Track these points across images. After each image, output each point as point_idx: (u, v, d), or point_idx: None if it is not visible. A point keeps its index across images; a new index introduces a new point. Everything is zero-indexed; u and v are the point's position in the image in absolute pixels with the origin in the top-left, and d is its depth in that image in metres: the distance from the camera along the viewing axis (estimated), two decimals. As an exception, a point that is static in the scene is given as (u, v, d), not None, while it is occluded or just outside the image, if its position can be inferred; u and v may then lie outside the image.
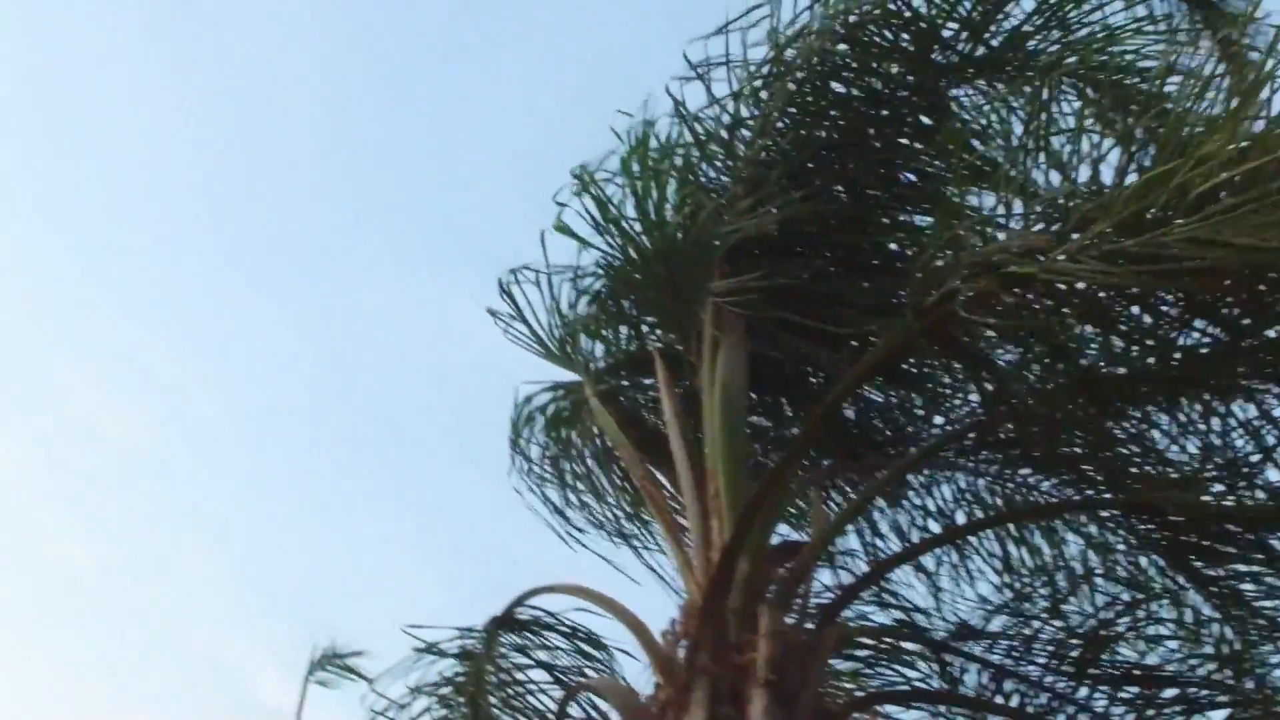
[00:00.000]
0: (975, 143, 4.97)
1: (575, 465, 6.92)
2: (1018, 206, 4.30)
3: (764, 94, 5.53)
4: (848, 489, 6.16)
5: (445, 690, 5.91)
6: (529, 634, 6.01)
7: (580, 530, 6.99)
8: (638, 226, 5.99)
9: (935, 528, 6.23)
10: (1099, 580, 5.87)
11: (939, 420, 6.16)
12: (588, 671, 6.01)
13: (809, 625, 5.09)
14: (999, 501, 6.26)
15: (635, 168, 5.85)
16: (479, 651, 5.93)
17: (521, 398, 6.81)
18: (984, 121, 4.88)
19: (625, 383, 6.28)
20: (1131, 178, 3.87)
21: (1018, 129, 4.49)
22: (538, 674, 6.11)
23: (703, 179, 5.56)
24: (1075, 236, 3.99)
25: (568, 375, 6.60)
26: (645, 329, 6.40)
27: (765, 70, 5.46)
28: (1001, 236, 4.30)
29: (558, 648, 5.98)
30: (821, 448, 5.89)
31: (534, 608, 5.97)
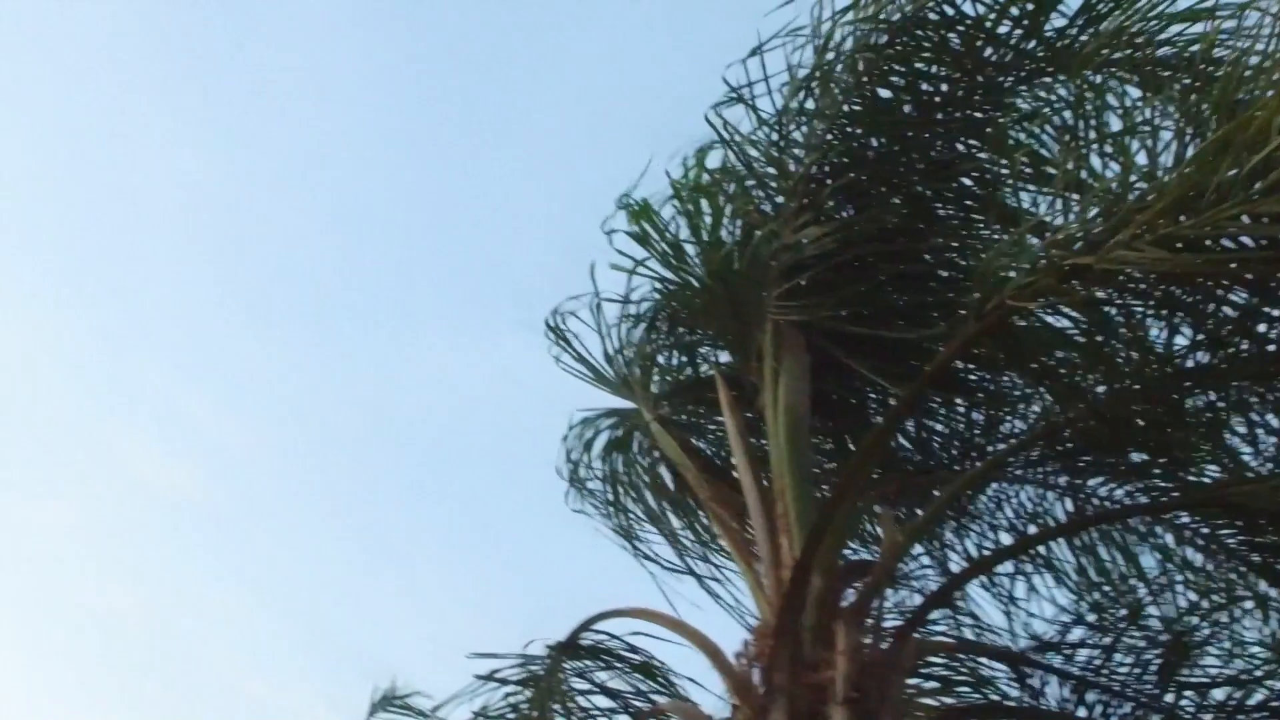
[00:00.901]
0: (1027, 138, 4.92)
1: (626, 490, 6.91)
2: (1074, 200, 4.27)
3: (810, 106, 5.52)
4: (915, 507, 6.10)
5: (509, 718, 5.88)
6: (594, 659, 5.97)
7: (644, 555, 6.97)
8: (692, 250, 6.07)
9: (1006, 540, 6.16)
10: (1179, 587, 5.76)
11: (1002, 432, 6.12)
12: (655, 697, 5.96)
13: (884, 643, 5.02)
14: (1069, 513, 6.18)
15: (687, 192, 5.91)
16: (542, 678, 5.89)
17: (573, 428, 6.83)
18: (1036, 115, 4.83)
19: (686, 407, 6.27)
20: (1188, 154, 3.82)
21: (1070, 119, 4.45)
22: (603, 701, 6.08)
23: (756, 198, 5.57)
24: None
25: (618, 403, 6.62)
26: (704, 352, 6.42)
27: (810, 84, 5.46)
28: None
29: (629, 671, 5.93)
30: (886, 465, 5.84)
31: (599, 632, 5.93)
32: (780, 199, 5.61)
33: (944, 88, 5.18)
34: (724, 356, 6.17)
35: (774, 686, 4.79)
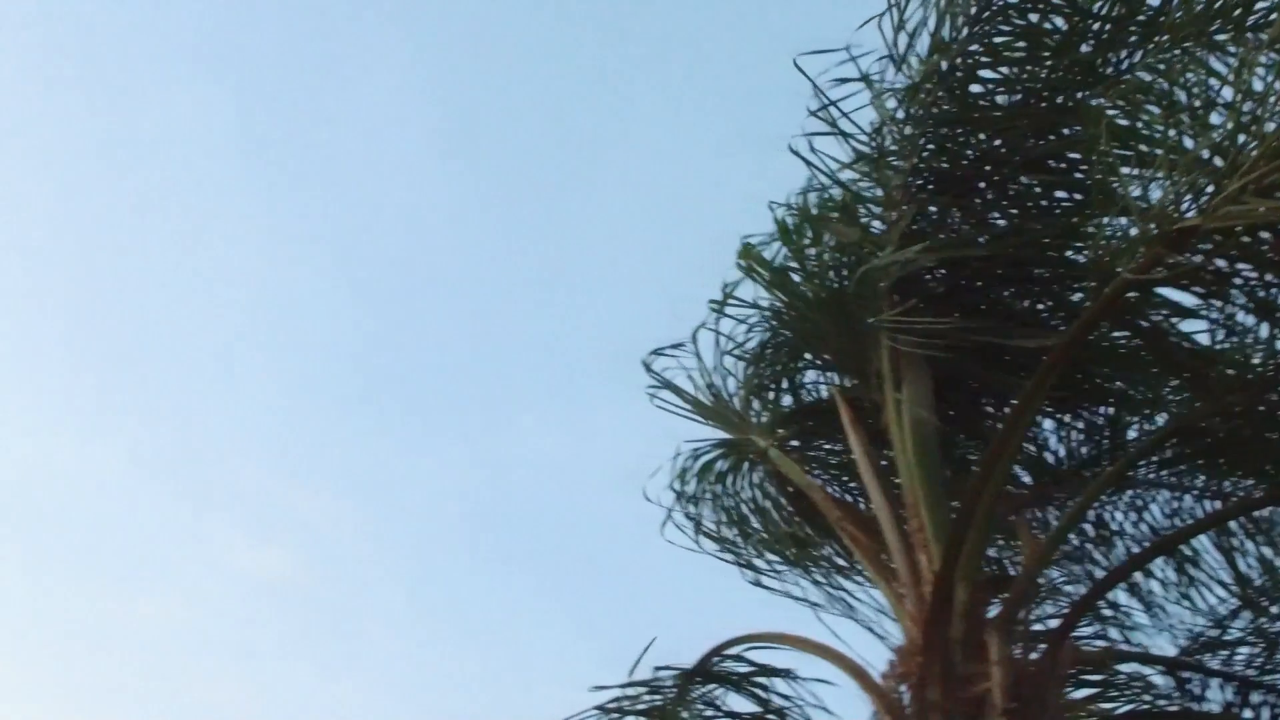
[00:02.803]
0: (1125, 116, 4.84)
1: (741, 520, 6.87)
2: (1177, 171, 4.20)
3: (900, 115, 5.50)
4: (1051, 516, 5.98)
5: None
6: (725, 686, 5.89)
7: (763, 585, 6.92)
8: (800, 279, 6.11)
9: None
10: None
11: (1131, 436, 5.99)
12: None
13: (1035, 652, 4.91)
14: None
15: (790, 223, 5.96)
16: (667, 708, 5.83)
17: (681, 463, 6.84)
18: (1135, 88, 4.76)
19: (802, 434, 6.25)
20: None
21: (1168, 87, 4.39)
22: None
23: (860, 216, 5.56)
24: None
25: (716, 434, 6.63)
26: (814, 379, 6.41)
27: (898, 92, 5.44)
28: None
29: (763, 698, 5.85)
30: (1016, 470, 5.74)
31: (729, 657, 5.87)
32: (882, 213, 5.59)
33: (1039, 72, 5.14)
34: (839, 380, 6.16)
35: (927, 703, 4.69)
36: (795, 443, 6.44)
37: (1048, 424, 6.02)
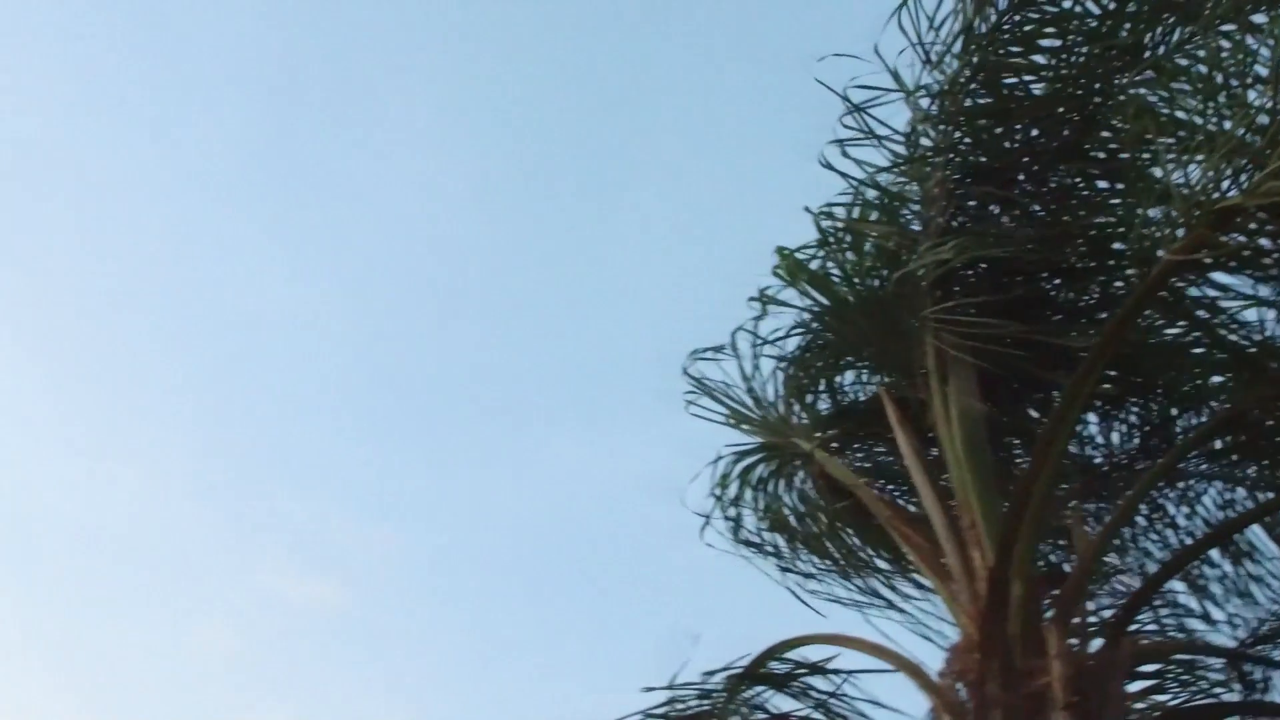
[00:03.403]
0: (1161, 101, 4.82)
1: (766, 523, 6.84)
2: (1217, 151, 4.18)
3: (935, 110, 5.49)
4: (1103, 508, 5.93)
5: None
6: (777, 688, 5.85)
7: (800, 590, 6.88)
8: (841, 281, 6.10)
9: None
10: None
11: (1181, 427, 5.93)
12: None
13: (1093, 646, 4.87)
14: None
15: (830, 227, 5.96)
16: (719, 711, 5.80)
17: (721, 470, 6.83)
18: (1173, 72, 4.74)
19: (845, 435, 6.24)
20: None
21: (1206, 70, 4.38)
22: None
23: (898, 216, 5.56)
24: None
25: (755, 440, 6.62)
26: (852, 380, 6.39)
27: (931, 87, 5.43)
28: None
29: (817, 700, 5.81)
30: (1067, 467, 5.70)
31: (781, 660, 5.83)
32: (920, 210, 5.59)
33: (1073, 60, 5.13)
34: (883, 379, 6.15)
35: (987, 699, 4.65)
36: (836, 445, 6.42)
37: (1097, 417, 6.02)
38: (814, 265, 5.98)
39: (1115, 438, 5.92)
